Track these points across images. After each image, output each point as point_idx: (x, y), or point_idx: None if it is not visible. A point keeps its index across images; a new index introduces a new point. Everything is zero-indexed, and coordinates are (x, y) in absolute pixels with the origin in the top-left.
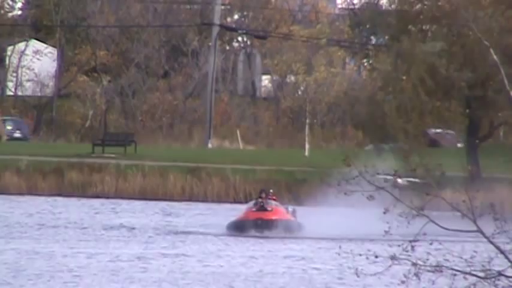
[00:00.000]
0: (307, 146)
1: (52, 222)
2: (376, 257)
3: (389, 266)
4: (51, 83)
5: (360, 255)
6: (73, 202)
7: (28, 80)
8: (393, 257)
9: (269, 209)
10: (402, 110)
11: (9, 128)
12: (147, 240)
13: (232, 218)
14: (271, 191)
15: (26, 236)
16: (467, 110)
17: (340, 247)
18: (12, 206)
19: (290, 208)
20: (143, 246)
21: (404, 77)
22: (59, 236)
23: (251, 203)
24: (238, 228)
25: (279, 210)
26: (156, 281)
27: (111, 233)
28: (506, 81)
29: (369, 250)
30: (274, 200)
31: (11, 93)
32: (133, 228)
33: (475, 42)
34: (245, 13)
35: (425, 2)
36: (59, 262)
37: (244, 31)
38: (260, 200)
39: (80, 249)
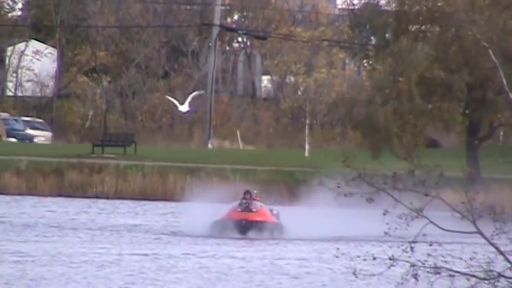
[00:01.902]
0: (307, 146)
1: (52, 222)
2: (374, 258)
3: (388, 267)
4: (51, 84)
5: (342, 254)
6: (73, 202)
7: (28, 81)
8: (392, 258)
9: (254, 210)
10: (399, 113)
11: None
12: (147, 240)
13: (217, 217)
14: (255, 191)
15: (27, 236)
16: (467, 111)
17: (337, 249)
18: (12, 206)
19: (275, 211)
20: (143, 246)
21: (400, 79)
22: (59, 236)
23: (235, 203)
24: (223, 227)
25: (263, 212)
26: (156, 281)
27: (111, 233)
28: (505, 82)
29: (360, 252)
30: (257, 200)
31: (11, 94)
32: (134, 229)
33: (473, 43)
34: (245, 13)
35: (424, 3)
36: (59, 262)
37: (244, 31)
38: (245, 201)
39: (81, 249)
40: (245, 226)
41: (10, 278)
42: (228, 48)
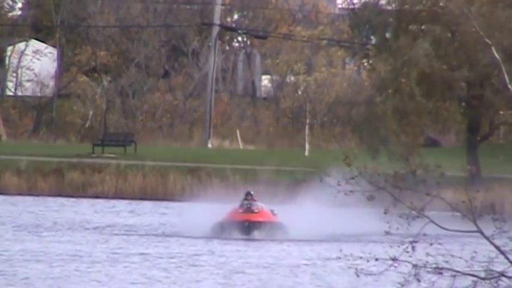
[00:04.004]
0: (307, 146)
1: (52, 222)
2: (377, 259)
3: (390, 267)
4: (51, 83)
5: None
6: (73, 202)
7: (28, 80)
8: (394, 259)
9: (256, 210)
10: (399, 111)
11: None
12: (147, 241)
13: (218, 219)
14: (251, 192)
15: (29, 236)
16: (467, 110)
17: (340, 250)
18: (13, 206)
19: (276, 211)
20: (143, 246)
21: (403, 80)
22: (59, 236)
23: (236, 205)
24: (225, 229)
25: (265, 212)
26: (157, 280)
27: (111, 233)
28: (507, 79)
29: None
30: (255, 201)
31: (11, 94)
32: (134, 228)
33: (473, 40)
34: (245, 13)
35: (424, 2)
36: (59, 262)
37: (244, 31)
38: (246, 202)
39: (81, 249)
40: (248, 227)
41: (11, 278)
42: (228, 47)
